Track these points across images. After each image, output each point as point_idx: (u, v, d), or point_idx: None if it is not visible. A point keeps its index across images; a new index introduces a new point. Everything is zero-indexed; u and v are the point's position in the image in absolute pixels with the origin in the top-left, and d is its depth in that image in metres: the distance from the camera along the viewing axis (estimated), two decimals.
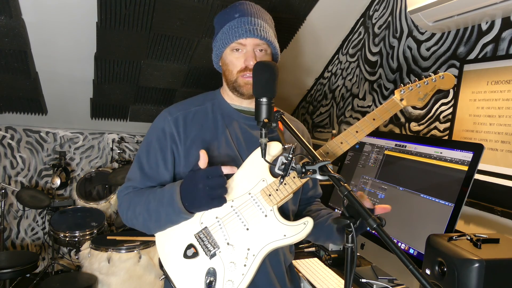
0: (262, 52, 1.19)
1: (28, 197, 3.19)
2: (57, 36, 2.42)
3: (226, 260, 1.13)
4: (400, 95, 1.21)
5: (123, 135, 3.80)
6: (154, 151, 1.22)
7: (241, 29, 1.16)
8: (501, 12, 1.62)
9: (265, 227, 1.13)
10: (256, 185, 1.16)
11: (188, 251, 1.14)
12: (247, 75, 1.17)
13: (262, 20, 1.20)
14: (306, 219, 1.14)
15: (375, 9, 2.53)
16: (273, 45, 1.21)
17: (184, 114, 1.24)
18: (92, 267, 2.66)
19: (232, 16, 1.19)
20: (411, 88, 1.22)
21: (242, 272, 1.11)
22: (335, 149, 1.16)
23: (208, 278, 1.12)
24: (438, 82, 1.24)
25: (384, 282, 1.63)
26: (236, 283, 1.11)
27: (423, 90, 1.23)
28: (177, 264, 1.15)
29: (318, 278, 1.68)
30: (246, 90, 1.19)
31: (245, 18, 1.17)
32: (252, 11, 1.20)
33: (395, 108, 1.21)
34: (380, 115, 1.19)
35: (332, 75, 3.04)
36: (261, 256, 1.13)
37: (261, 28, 1.17)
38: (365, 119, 1.19)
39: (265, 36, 1.17)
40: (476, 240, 1.05)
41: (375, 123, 1.18)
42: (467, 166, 1.35)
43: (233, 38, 1.16)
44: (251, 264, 1.12)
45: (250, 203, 1.15)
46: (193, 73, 2.94)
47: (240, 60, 1.18)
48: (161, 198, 1.12)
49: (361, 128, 1.17)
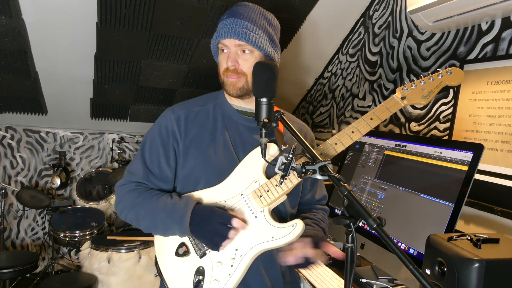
0: (246, 53, 1.17)
1: (28, 197, 3.19)
2: (57, 36, 2.42)
3: (214, 260, 1.14)
4: (402, 93, 1.16)
5: (123, 135, 3.80)
6: (156, 147, 1.24)
7: (224, 29, 1.16)
8: (501, 12, 1.61)
9: (254, 228, 1.13)
10: (249, 186, 1.16)
11: (179, 250, 1.17)
12: (229, 75, 1.18)
13: (251, 22, 1.17)
14: (295, 221, 1.11)
15: (375, 9, 2.53)
16: (260, 47, 1.17)
17: (186, 113, 1.25)
18: (92, 267, 2.66)
19: (223, 17, 1.21)
20: (414, 85, 1.16)
21: (228, 272, 1.12)
22: (329, 150, 1.13)
23: (197, 277, 1.13)
24: (445, 78, 1.17)
25: (384, 282, 1.63)
26: (222, 282, 1.11)
27: (428, 87, 1.16)
28: (169, 262, 1.18)
29: (318, 278, 1.68)
30: (231, 90, 1.19)
31: (230, 19, 1.17)
32: (241, 12, 1.18)
33: (395, 107, 1.16)
34: (378, 114, 1.15)
35: (332, 75, 3.04)
36: (248, 257, 1.12)
37: (243, 29, 1.15)
38: (362, 119, 1.14)
39: (245, 37, 1.14)
40: (476, 240, 1.05)
41: (373, 123, 1.14)
42: (467, 166, 1.35)
43: (218, 38, 1.18)
44: (238, 264, 1.12)
45: (242, 204, 1.16)
46: (193, 73, 2.94)
47: (225, 61, 1.19)
48: (170, 213, 1.15)
49: (358, 128, 1.13)
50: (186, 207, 1.13)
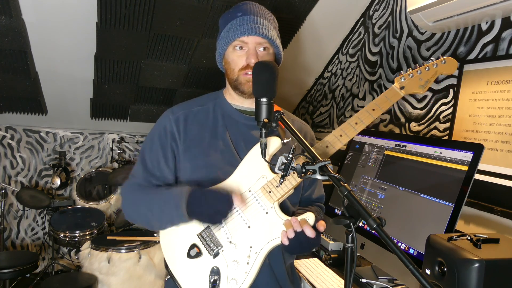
0: (264, 51, 1.20)
1: (28, 197, 3.19)
2: (57, 36, 2.42)
3: (229, 259, 1.13)
4: (400, 83, 1.18)
5: (123, 135, 3.80)
6: (155, 149, 1.24)
7: (243, 27, 1.16)
8: (501, 12, 1.61)
9: (267, 224, 1.13)
10: (256, 182, 1.16)
11: (191, 251, 1.15)
12: (248, 73, 1.17)
13: (265, 19, 1.21)
14: (308, 214, 1.12)
15: (375, 9, 2.53)
16: (275, 44, 1.21)
17: (185, 113, 1.25)
18: (92, 267, 2.66)
19: (235, 15, 1.20)
20: (412, 75, 1.18)
21: (245, 270, 1.12)
22: (334, 142, 1.14)
23: (213, 277, 1.12)
24: (440, 67, 1.20)
25: (384, 282, 1.63)
26: (239, 281, 1.11)
27: (424, 76, 1.18)
28: (182, 264, 1.16)
29: (318, 278, 1.68)
30: (247, 88, 1.19)
31: (248, 17, 1.18)
32: (255, 10, 1.21)
33: (395, 97, 1.17)
34: (379, 104, 1.16)
35: (332, 75, 3.04)
36: (263, 254, 1.12)
37: (263, 26, 1.18)
38: (364, 110, 1.16)
39: (267, 34, 1.17)
40: (476, 240, 1.05)
41: (375, 113, 1.15)
42: (467, 166, 1.35)
43: (235, 35, 1.17)
44: (254, 262, 1.12)
45: (251, 200, 1.15)
46: (193, 73, 2.94)
47: (242, 58, 1.18)
48: (167, 199, 1.14)
49: (361, 119, 1.15)
50: (183, 190, 1.12)
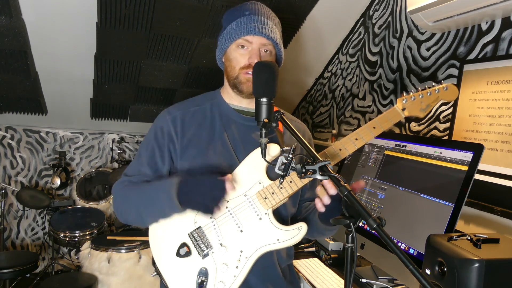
0: (267, 53, 1.20)
1: (28, 197, 3.19)
2: (57, 36, 2.42)
3: (219, 261, 1.13)
4: (402, 105, 1.19)
5: (123, 135, 3.80)
6: (152, 149, 1.24)
7: (250, 26, 1.16)
8: (501, 12, 1.61)
9: (259, 230, 1.13)
10: (252, 187, 1.16)
11: (181, 250, 1.15)
12: (249, 72, 1.17)
13: (271, 21, 1.21)
14: (300, 224, 1.13)
15: (375, 9, 2.53)
16: (279, 47, 1.22)
17: (182, 113, 1.25)
18: (92, 267, 2.66)
19: (242, 13, 1.20)
20: (414, 98, 1.20)
21: (234, 274, 1.12)
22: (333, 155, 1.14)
23: (200, 278, 1.13)
24: (442, 94, 1.22)
25: (384, 282, 1.63)
26: (227, 284, 1.11)
27: (426, 101, 1.20)
28: (170, 262, 1.16)
29: (318, 278, 1.68)
30: (246, 87, 1.19)
31: (255, 16, 1.18)
32: (262, 11, 1.22)
33: (396, 117, 1.19)
34: (380, 123, 1.17)
35: (332, 75, 3.04)
36: (253, 259, 1.13)
37: (269, 28, 1.18)
38: (365, 127, 1.17)
39: (272, 36, 1.18)
40: (476, 240, 1.05)
41: (375, 131, 1.17)
42: (467, 166, 1.35)
43: (241, 33, 1.17)
44: (243, 266, 1.12)
45: (245, 205, 1.15)
46: (193, 73, 2.94)
47: (245, 57, 1.18)
48: (158, 189, 1.13)
49: (361, 136, 1.16)
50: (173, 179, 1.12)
